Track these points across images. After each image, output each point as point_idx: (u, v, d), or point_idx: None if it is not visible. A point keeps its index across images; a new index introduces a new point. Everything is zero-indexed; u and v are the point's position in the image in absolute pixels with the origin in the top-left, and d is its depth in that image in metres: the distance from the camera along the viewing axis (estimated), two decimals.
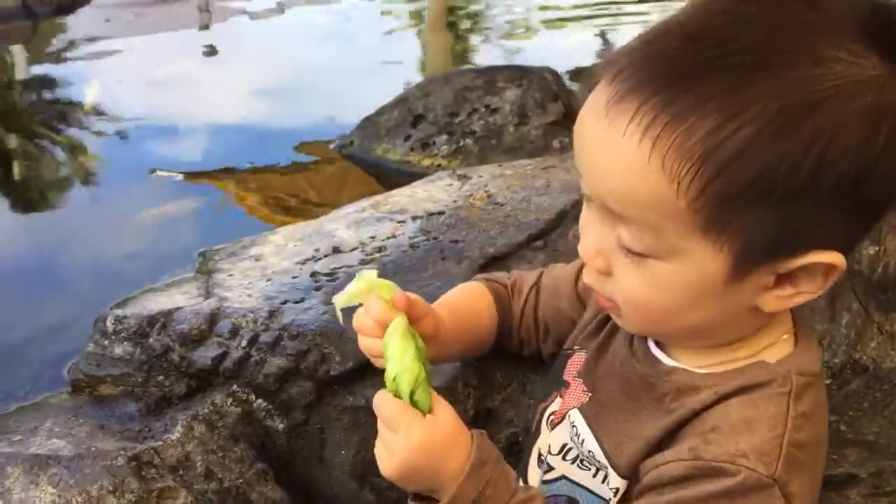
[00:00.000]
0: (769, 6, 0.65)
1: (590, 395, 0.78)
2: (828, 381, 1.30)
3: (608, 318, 0.80)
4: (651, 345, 0.75)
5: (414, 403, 0.71)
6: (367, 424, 0.94)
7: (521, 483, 0.75)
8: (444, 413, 0.71)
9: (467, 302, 0.89)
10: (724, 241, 0.63)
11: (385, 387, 0.72)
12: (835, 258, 0.64)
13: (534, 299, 0.89)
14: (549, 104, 1.55)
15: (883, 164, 0.62)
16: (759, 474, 0.65)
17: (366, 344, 0.78)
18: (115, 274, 1.84)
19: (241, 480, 0.86)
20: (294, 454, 0.94)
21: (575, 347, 0.82)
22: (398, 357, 0.72)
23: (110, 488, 0.77)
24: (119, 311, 1.03)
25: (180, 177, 2.41)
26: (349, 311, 0.77)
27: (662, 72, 0.63)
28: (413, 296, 0.78)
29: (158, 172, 2.40)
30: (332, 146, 1.79)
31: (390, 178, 1.63)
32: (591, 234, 0.68)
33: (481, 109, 1.59)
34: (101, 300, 1.29)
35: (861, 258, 1.31)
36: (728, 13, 0.65)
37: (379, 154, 1.65)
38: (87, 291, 1.78)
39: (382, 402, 0.72)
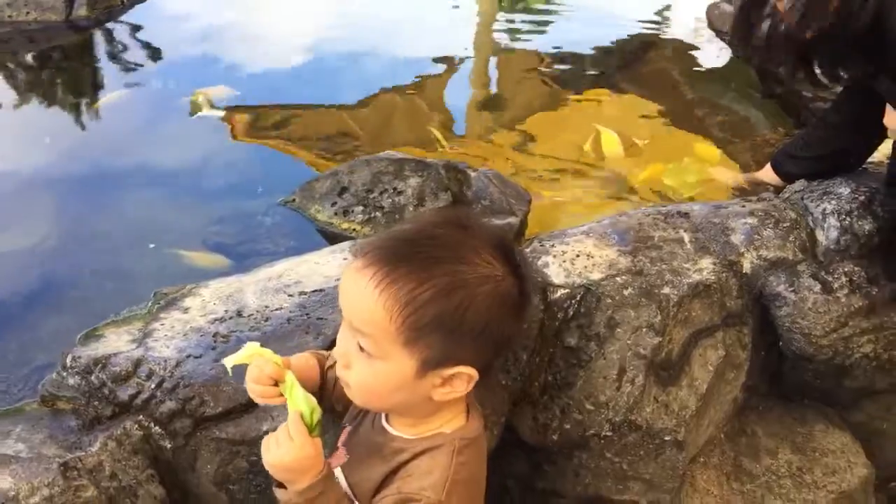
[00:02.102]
0: (444, 229, 1.15)
1: (348, 456, 1.24)
2: (609, 434, 1.68)
3: None
4: (383, 421, 1.21)
5: (312, 428, 1.14)
6: (224, 450, 1.41)
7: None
8: (319, 441, 1.15)
9: (302, 366, 1.34)
10: (414, 352, 1.11)
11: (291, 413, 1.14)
12: (471, 371, 1.14)
13: (334, 375, 1.35)
14: (441, 193, 1.97)
15: (495, 323, 1.12)
16: (433, 499, 1.12)
17: (258, 391, 1.22)
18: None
19: (134, 481, 1.34)
20: (176, 465, 1.41)
21: (345, 423, 1.29)
22: (305, 397, 1.16)
23: (45, 483, 1.26)
24: (77, 351, 1.50)
25: (221, 113, 2.87)
26: (236, 368, 1.22)
27: (388, 256, 1.11)
28: (288, 360, 1.24)
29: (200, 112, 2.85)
30: (277, 200, 2.24)
31: (319, 230, 2.11)
32: (342, 341, 1.16)
33: (390, 190, 2.01)
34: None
35: (646, 345, 1.70)
36: (425, 231, 1.16)
37: (311, 213, 2.10)
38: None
39: (295, 420, 1.13)
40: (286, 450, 1.13)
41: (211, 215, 2.30)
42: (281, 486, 1.17)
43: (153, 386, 1.41)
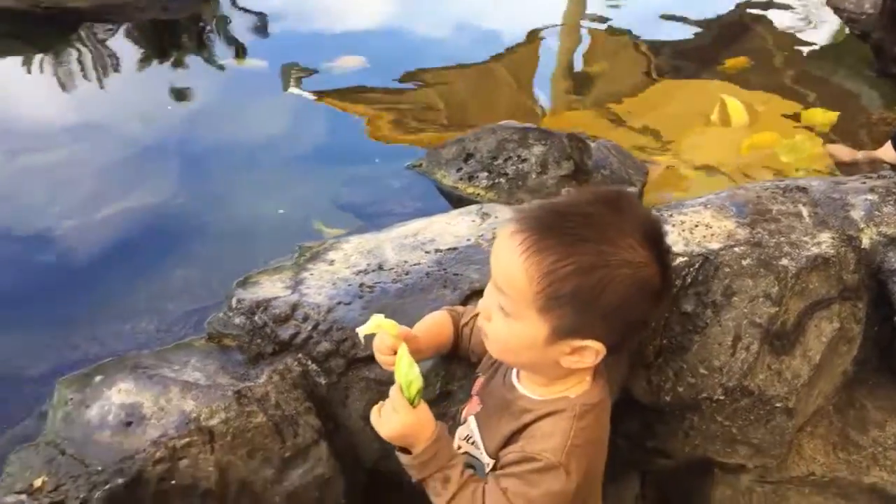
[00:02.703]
0: (597, 208, 1.21)
1: (481, 406, 1.35)
2: (721, 397, 1.75)
3: None
4: (513, 378, 1.32)
5: (411, 399, 1.26)
6: (373, 389, 1.55)
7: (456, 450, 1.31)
8: (424, 408, 1.27)
9: (436, 325, 1.46)
10: (547, 320, 1.19)
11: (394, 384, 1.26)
12: (598, 347, 1.20)
13: (469, 331, 1.46)
14: (564, 161, 2.06)
15: (629, 305, 1.19)
16: (553, 461, 1.21)
17: (381, 359, 1.36)
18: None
19: (295, 412, 1.49)
20: (329, 399, 1.56)
21: (479, 373, 1.40)
22: (406, 371, 1.27)
23: (223, 406, 1.42)
24: (240, 294, 1.66)
25: (312, 96, 3.02)
26: (367, 337, 1.35)
27: (539, 226, 1.19)
28: (407, 331, 1.35)
29: (292, 90, 3.00)
30: (405, 164, 2.37)
31: (445, 194, 2.23)
32: (487, 296, 1.26)
33: (514, 158, 2.11)
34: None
35: (762, 314, 1.76)
36: (578, 207, 1.22)
37: (437, 178, 2.22)
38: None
39: (396, 394, 1.26)
40: (393, 421, 1.24)
41: (339, 179, 2.44)
42: (402, 450, 1.27)
43: (309, 328, 1.56)
